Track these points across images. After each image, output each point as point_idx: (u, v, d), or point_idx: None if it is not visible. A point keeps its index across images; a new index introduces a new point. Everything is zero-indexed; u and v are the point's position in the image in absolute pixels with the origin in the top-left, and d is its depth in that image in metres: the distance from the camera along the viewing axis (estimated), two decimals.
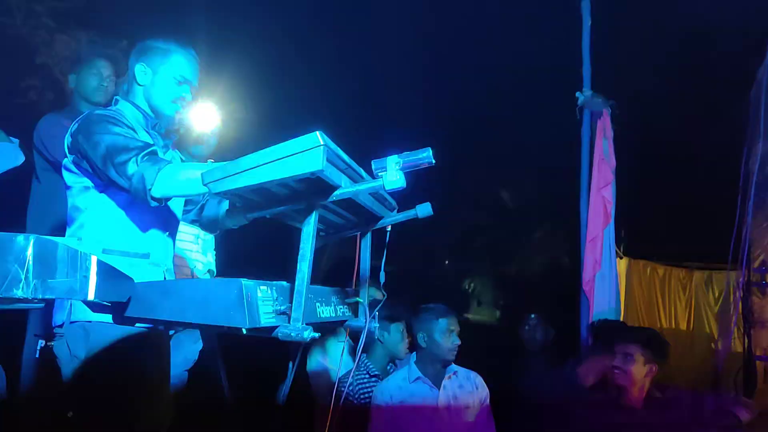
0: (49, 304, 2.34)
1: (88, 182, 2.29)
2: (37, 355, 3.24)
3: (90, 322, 2.16)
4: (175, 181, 2.00)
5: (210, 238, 3.67)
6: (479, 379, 3.68)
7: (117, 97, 2.48)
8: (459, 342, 3.53)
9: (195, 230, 3.45)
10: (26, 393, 3.32)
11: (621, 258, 6.30)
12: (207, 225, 2.61)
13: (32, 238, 1.22)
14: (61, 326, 2.26)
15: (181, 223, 2.61)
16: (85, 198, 2.30)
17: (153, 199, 2.04)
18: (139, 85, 2.43)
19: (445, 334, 3.48)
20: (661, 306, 7.22)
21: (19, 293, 1.20)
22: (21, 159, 3.55)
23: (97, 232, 2.28)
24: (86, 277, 1.36)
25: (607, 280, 4.49)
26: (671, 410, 3.34)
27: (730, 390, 3.47)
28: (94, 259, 1.37)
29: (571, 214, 4.77)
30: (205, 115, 3.49)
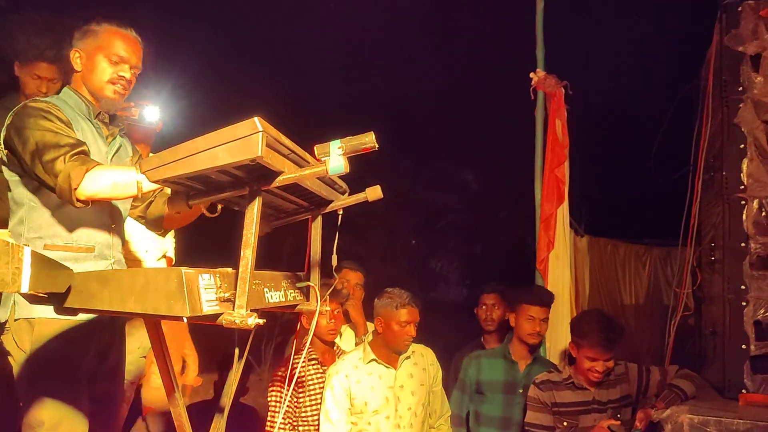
0: None
1: (21, 177, 2.25)
2: None
3: (35, 317, 2.16)
4: (103, 183, 1.99)
5: None
6: (433, 356, 3.71)
7: (67, 86, 2.44)
8: (414, 335, 3.47)
9: None
10: None
11: (582, 236, 6.37)
12: (152, 223, 2.58)
13: None
14: (5, 323, 2.24)
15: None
16: (22, 192, 2.26)
17: (78, 200, 2.01)
18: (76, 71, 2.38)
19: (401, 325, 3.44)
20: (622, 282, 7.33)
21: None
22: None
23: (38, 227, 2.25)
24: (19, 269, 1.33)
25: (561, 259, 4.54)
26: (620, 386, 3.41)
27: (680, 364, 3.54)
28: (27, 250, 1.35)
29: (531, 195, 4.82)
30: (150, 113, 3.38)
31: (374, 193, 2.20)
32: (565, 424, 3.36)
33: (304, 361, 3.55)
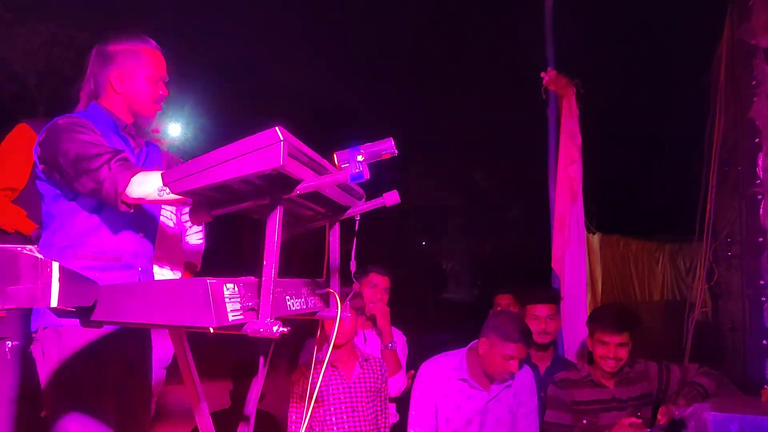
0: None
1: (57, 190, 2.28)
2: (9, 357, 3.25)
3: (63, 326, 2.17)
4: (148, 187, 2.01)
5: None
6: (530, 378, 3.50)
7: (94, 101, 2.45)
8: (516, 371, 3.24)
9: None
10: (5, 393, 3.32)
11: (594, 234, 6.36)
12: None
13: None
14: (35, 332, 2.27)
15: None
16: (56, 205, 2.30)
17: (123, 203, 2.05)
18: (117, 93, 2.40)
19: (504, 358, 3.20)
20: (635, 279, 7.32)
21: None
22: None
23: (69, 237, 2.28)
24: (48, 284, 1.34)
25: (577, 258, 4.53)
26: (640, 383, 3.40)
27: (697, 360, 3.53)
28: (55, 266, 1.35)
29: (542, 194, 4.81)
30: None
31: (392, 198, 2.20)
32: (584, 422, 3.35)
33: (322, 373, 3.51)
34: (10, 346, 3.27)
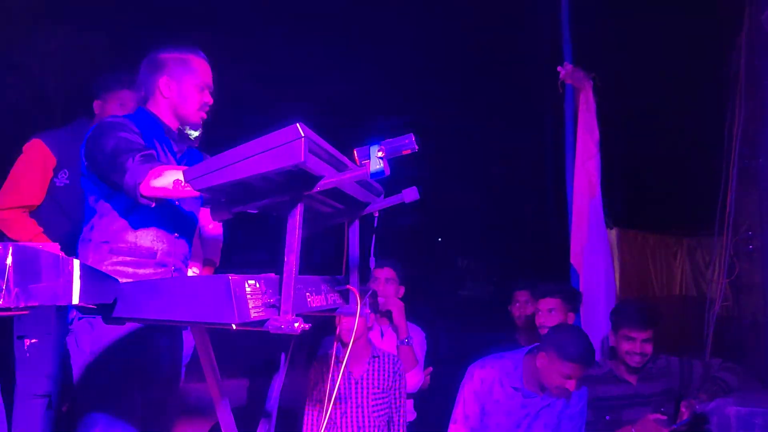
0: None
1: (97, 187, 2.37)
2: (27, 354, 3.30)
3: (95, 317, 2.20)
4: (165, 180, 2.05)
5: None
6: (583, 388, 3.37)
7: (142, 106, 2.54)
8: (572, 390, 3.12)
9: None
10: (27, 388, 3.36)
11: (611, 228, 6.31)
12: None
13: (11, 246, 1.21)
14: (71, 323, 2.34)
15: None
16: (96, 201, 2.39)
17: (142, 196, 2.08)
18: (165, 97, 2.49)
19: (562, 375, 3.07)
20: (653, 273, 7.27)
21: (0, 302, 1.18)
22: None
23: (106, 232, 2.36)
24: (69, 282, 1.34)
25: (595, 253, 4.50)
26: (662, 379, 3.37)
27: (718, 355, 3.51)
28: (76, 263, 1.36)
29: (559, 189, 4.78)
30: None
31: (411, 194, 2.20)
32: (607, 418, 3.33)
33: (337, 375, 3.50)
34: (28, 344, 3.32)
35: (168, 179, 2.06)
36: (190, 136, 2.60)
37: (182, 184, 2.04)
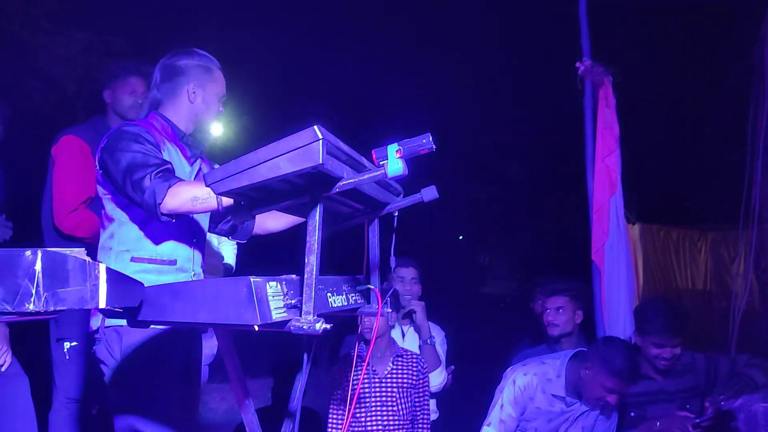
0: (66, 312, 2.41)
1: (114, 195, 2.39)
2: (67, 357, 3.36)
3: (123, 325, 2.26)
4: (184, 197, 2.11)
5: None
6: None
7: (155, 111, 2.57)
8: (613, 403, 3.09)
9: None
10: (68, 392, 3.45)
11: (633, 224, 6.26)
12: (238, 234, 2.79)
13: (40, 252, 1.24)
14: (96, 331, 2.39)
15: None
16: (113, 209, 2.41)
17: (162, 214, 2.13)
18: (190, 103, 2.54)
19: (604, 389, 3.03)
20: (677, 268, 7.19)
21: (30, 307, 1.21)
22: None
23: (126, 241, 2.39)
24: (96, 286, 1.37)
25: (616, 249, 4.47)
26: (687, 375, 3.35)
27: (744, 350, 3.47)
28: (102, 267, 1.38)
29: (579, 185, 4.75)
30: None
31: (429, 193, 2.20)
32: (632, 415, 3.31)
33: (359, 373, 3.52)
34: (69, 346, 3.37)
35: (187, 196, 2.11)
36: (206, 140, 2.64)
37: (200, 200, 2.09)
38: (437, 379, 3.86)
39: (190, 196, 2.11)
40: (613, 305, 4.34)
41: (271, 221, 2.73)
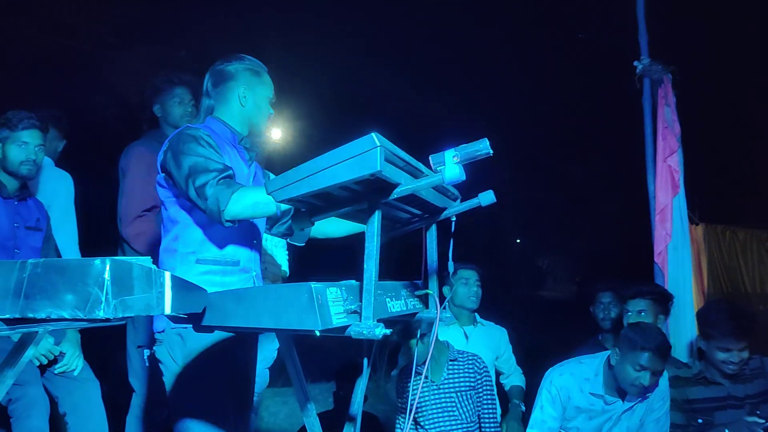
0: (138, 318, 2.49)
1: (176, 198, 2.44)
2: (147, 364, 3.47)
3: (185, 328, 2.30)
4: (246, 203, 2.16)
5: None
6: (664, 385, 3.29)
7: (211, 116, 2.63)
8: (647, 384, 3.02)
9: None
10: (148, 397, 3.58)
11: (697, 225, 6.10)
12: (296, 238, 2.79)
13: (108, 261, 1.28)
14: (162, 332, 2.42)
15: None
16: (177, 212, 2.45)
17: (226, 220, 2.19)
18: (242, 107, 2.59)
19: (636, 369, 3.01)
20: (744, 270, 6.97)
21: (101, 314, 1.26)
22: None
23: (190, 243, 2.43)
24: (162, 293, 1.41)
25: (680, 251, 4.37)
26: (756, 380, 3.25)
27: None
28: (167, 275, 1.43)
29: (640, 186, 4.66)
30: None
31: (487, 198, 2.19)
32: (700, 421, 3.23)
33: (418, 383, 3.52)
34: (148, 353, 3.47)
35: (248, 202, 2.16)
36: (261, 142, 2.69)
37: (261, 206, 2.14)
38: None
39: (251, 202, 2.15)
40: (678, 309, 4.24)
41: (330, 227, 2.75)
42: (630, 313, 3.67)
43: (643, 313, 3.64)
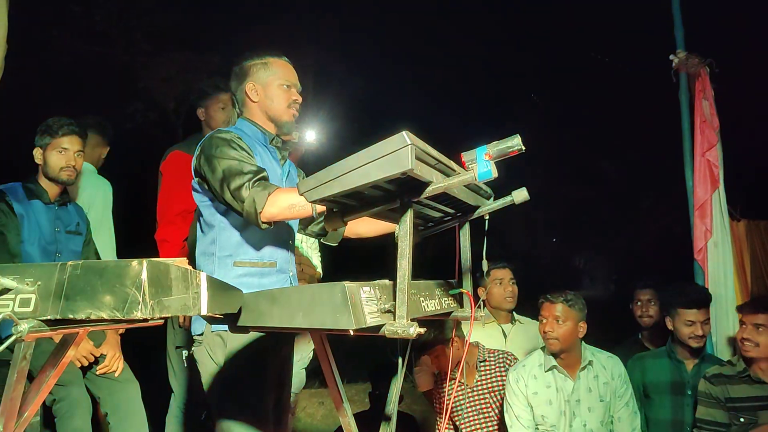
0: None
1: (211, 202, 2.47)
2: (185, 365, 3.52)
3: (226, 330, 2.33)
4: (282, 205, 2.19)
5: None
6: (620, 368, 3.45)
7: (240, 117, 2.66)
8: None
9: None
10: (186, 397, 3.65)
11: (738, 221, 5.97)
12: (330, 238, 2.85)
13: (145, 262, 1.30)
14: (200, 335, 2.46)
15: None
16: (212, 215, 2.48)
17: (263, 222, 2.22)
18: (254, 102, 2.60)
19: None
20: None
21: (138, 315, 1.27)
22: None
23: (228, 246, 2.46)
24: (198, 294, 1.43)
25: (721, 247, 4.28)
26: None
27: None
28: (203, 276, 1.45)
29: (678, 182, 4.58)
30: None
31: (520, 195, 2.17)
32: (742, 420, 3.16)
33: (453, 388, 3.53)
34: (186, 355, 3.53)
35: (284, 204, 2.19)
36: (287, 135, 2.68)
37: (297, 207, 2.15)
38: None
39: (287, 203, 2.18)
40: (719, 306, 4.16)
41: (363, 226, 2.76)
42: (746, 326, 3.47)
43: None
